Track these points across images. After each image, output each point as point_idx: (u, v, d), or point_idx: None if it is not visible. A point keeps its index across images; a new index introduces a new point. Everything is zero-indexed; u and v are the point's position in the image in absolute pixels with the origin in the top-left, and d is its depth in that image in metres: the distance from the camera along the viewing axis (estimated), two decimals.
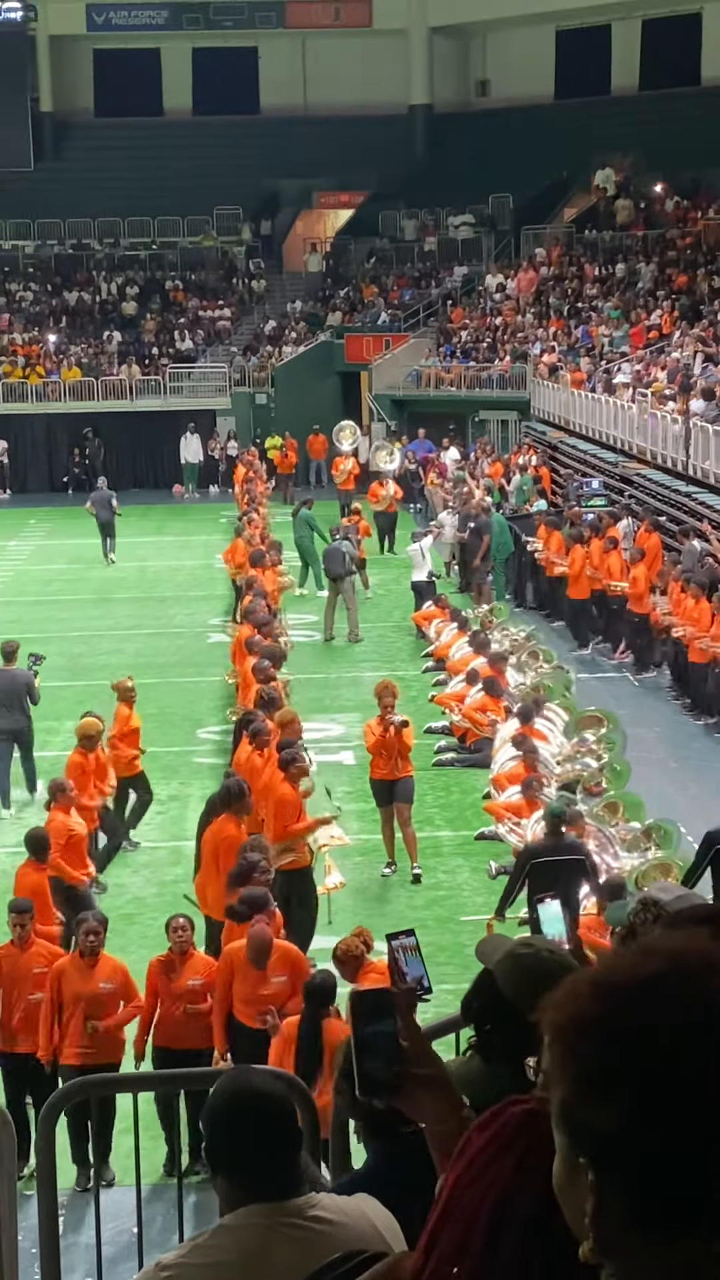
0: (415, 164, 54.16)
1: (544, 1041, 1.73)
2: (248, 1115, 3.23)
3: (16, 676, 17.66)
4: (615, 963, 1.73)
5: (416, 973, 4.30)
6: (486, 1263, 2.08)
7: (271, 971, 10.08)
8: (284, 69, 56.27)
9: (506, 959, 3.52)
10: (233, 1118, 3.24)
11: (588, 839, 13.47)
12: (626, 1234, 1.66)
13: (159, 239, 53.97)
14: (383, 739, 15.57)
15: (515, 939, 3.71)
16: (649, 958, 1.69)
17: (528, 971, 3.42)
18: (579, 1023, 1.68)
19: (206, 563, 32.69)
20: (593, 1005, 1.69)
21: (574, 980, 1.74)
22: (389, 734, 15.53)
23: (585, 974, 1.74)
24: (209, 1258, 3.09)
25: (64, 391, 46.75)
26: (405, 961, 4.33)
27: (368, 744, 15.90)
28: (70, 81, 56.62)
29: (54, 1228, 5.47)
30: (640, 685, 22.69)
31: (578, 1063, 1.68)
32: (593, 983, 1.71)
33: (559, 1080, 1.70)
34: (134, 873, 15.91)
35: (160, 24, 55.68)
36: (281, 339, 49.57)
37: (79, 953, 10.41)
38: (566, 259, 46.90)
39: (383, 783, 15.69)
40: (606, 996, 1.69)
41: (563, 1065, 1.69)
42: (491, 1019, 3.46)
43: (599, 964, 1.77)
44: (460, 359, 44.41)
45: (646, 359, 36.67)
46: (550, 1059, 1.71)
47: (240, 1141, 3.20)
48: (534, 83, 53.49)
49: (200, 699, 22.10)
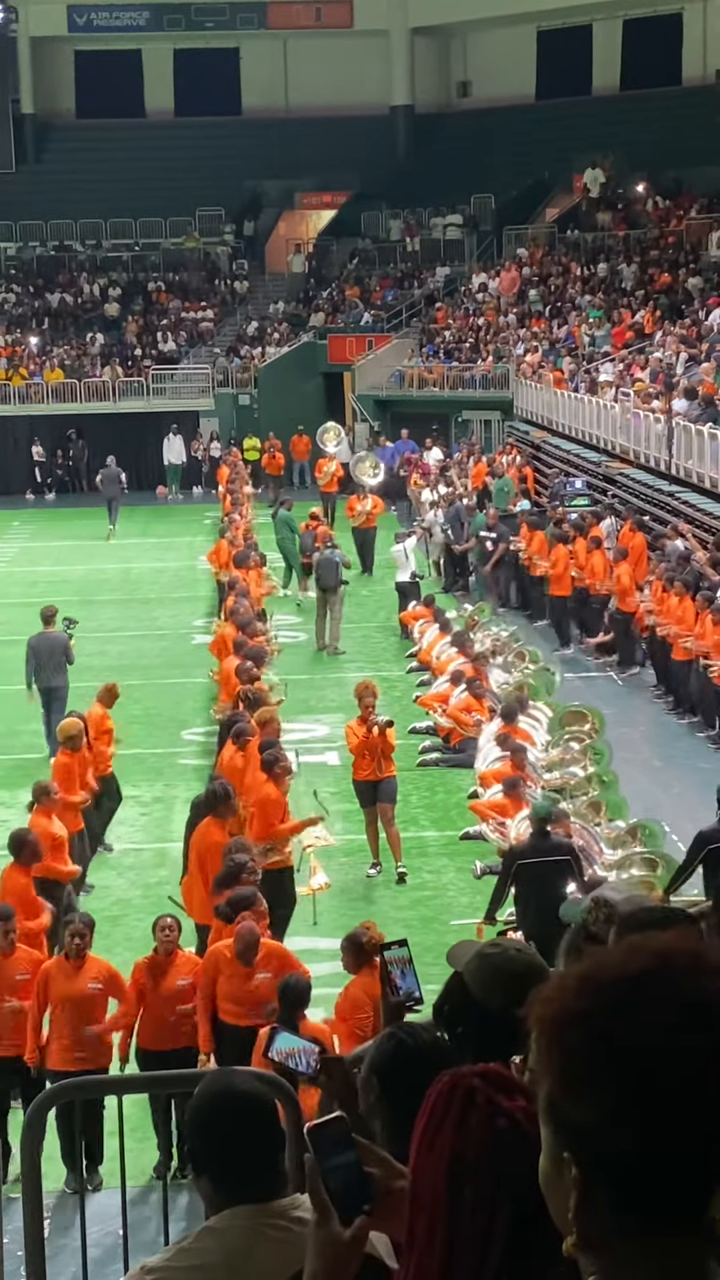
0: (397, 165, 54.20)
1: (530, 1036, 1.73)
2: (229, 1117, 3.22)
3: (54, 639, 19.17)
4: (604, 959, 1.74)
5: (409, 986, 4.37)
6: (453, 1223, 2.11)
7: (258, 969, 10.07)
8: (265, 70, 56.28)
9: (474, 959, 3.56)
10: (214, 1119, 3.24)
11: (573, 838, 13.47)
12: (608, 1231, 1.67)
13: (141, 240, 53.94)
14: (366, 740, 15.53)
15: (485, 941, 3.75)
16: (637, 955, 1.70)
17: (495, 970, 3.45)
18: (564, 1017, 1.69)
19: (190, 564, 32.65)
20: (578, 1000, 1.69)
21: (562, 975, 1.76)
22: (372, 734, 15.50)
23: (574, 969, 1.76)
24: (193, 1260, 3.09)
25: (47, 393, 46.69)
26: (399, 975, 4.39)
27: (350, 745, 15.87)
28: (52, 83, 56.56)
29: (39, 1231, 5.45)
30: (624, 684, 22.71)
31: (561, 1057, 1.69)
32: (579, 978, 1.72)
33: (544, 1074, 1.71)
34: (119, 875, 15.89)
35: (141, 25, 55.65)
36: (264, 340, 49.57)
37: (65, 954, 10.38)
38: (549, 259, 46.95)
39: (366, 784, 15.64)
40: (592, 992, 1.69)
41: (547, 1059, 1.70)
42: (463, 1021, 3.49)
43: (588, 960, 1.77)
44: (443, 359, 44.44)
45: (629, 359, 36.71)
46: (535, 1053, 1.72)
47: (222, 1143, 3.20)
48: (515, 83, 53.54)
49: (185, 700, 22.07)
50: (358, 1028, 9.32)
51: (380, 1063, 3.72)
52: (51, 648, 19.10)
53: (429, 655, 22.35)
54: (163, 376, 47.74)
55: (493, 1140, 2.11)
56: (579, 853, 12.85)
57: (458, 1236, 2.10)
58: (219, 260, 53.79)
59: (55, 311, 51.16)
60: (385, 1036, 3.83)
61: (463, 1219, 2.11)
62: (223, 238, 54.23)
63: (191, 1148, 3.35)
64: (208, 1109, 3.27)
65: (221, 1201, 3.16)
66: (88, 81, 56.56)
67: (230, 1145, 3.19)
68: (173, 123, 56.26)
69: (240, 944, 10.06)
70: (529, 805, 13.89)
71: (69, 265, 53.18)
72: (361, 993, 9.54)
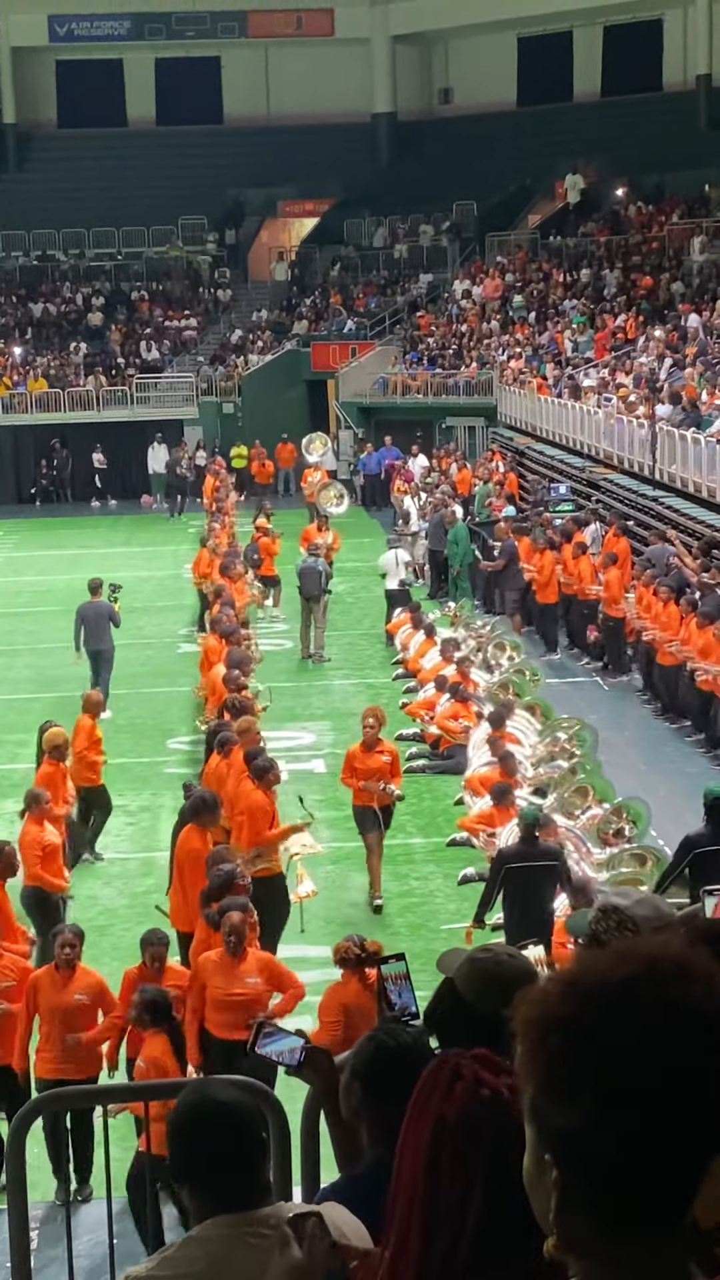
0: (379, 172, 54.29)
1: (515, 1039, 1.74)
2: (208, 1127, 3.22)
3: (100, 606, 21.61)
4: (591, 964, 1.74)
5: (405, 1001, 4.39)
6: (431, 1193, 2.17)
7: (246, 973, 10.04)
8: (247, 78, 56.33)
9: (465, 964, 3.57)
10: (193, 1130, 3.24)
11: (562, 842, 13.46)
12: (590, 1232, 1.67)
13: (124, 249, 53.94)
14: (367, 766, 14.89)
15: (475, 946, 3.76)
16: (623, 961, 1.71)
17: (487, 975, 3.46)
18: (547, 1021, 1.70)
19: (175, 573, 32.60)
20: (562, 1004, 1.70)
21: (549, 979, 1.76)
22: (375, 760, 14.92)
23: (560, 974, 1.77)
24: (177, 1269, 3.08)
25: (31, 403, 46.64)
26: (395, 993, 4.41)
27: (349, 768, 15.09)
28: (33, 93, 56.56)
29: (25, 1241, 5.42)
30: (610, 689, 22.71)
31: (544, 1060, 1.69)
32: (565, 982, 1.73)
33: (527, 1077, 1.72)
34: (106, 884, 15.84)
35: (122, 34, 55.65)
36: (248, 348, 49.57)
37: (54, 965, 10.34)
38: (532, 265, 47.02)
39: (367, 809, 14.99)
40: (577, 996, 1.70)
41: (530, 1062, 1.71)
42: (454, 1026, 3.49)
43: (576, 965, 1.79)
44: (427, 366, 44.47)
45: (612, 364, 36.76)
46: (520, 1056, 1.73)
47: (202, 1154, 3.19)
48: (496, 90, 53.67)
49: (170, 709, 22.04)
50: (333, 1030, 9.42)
51: (361, 1065, 3.72)
52: (98, 614, 21.52)
53: (416, 663, 22.34)
54: (146, 385, 47.74)
55: (474, 1108, 2.22)
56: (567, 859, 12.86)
57: (436, 1206, 2.16)
58: (202, 269, 53.82)
59: (39, 321, 51.14)
60: (365, 1040, 3.83)
61: (440, 1185, 2.17)
62: (205, 246, 54.25)
63: (172, 1159, 3.34)
64: (186, 1120, 3.27)
65: (203, 1211, 3.15)
66: (69, 91, 56.59)
67: (210, 1155, 3.18)
68: (155, 132, 56.28)
69: (227, 931, 10.02)
70: (518, 811, 13.87)
71: (52, 275, 53.15)
72: (334, 1000, 9.62)
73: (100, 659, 21.58)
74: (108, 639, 21.58)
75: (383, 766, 14.94)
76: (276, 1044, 4.21)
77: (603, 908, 4.83)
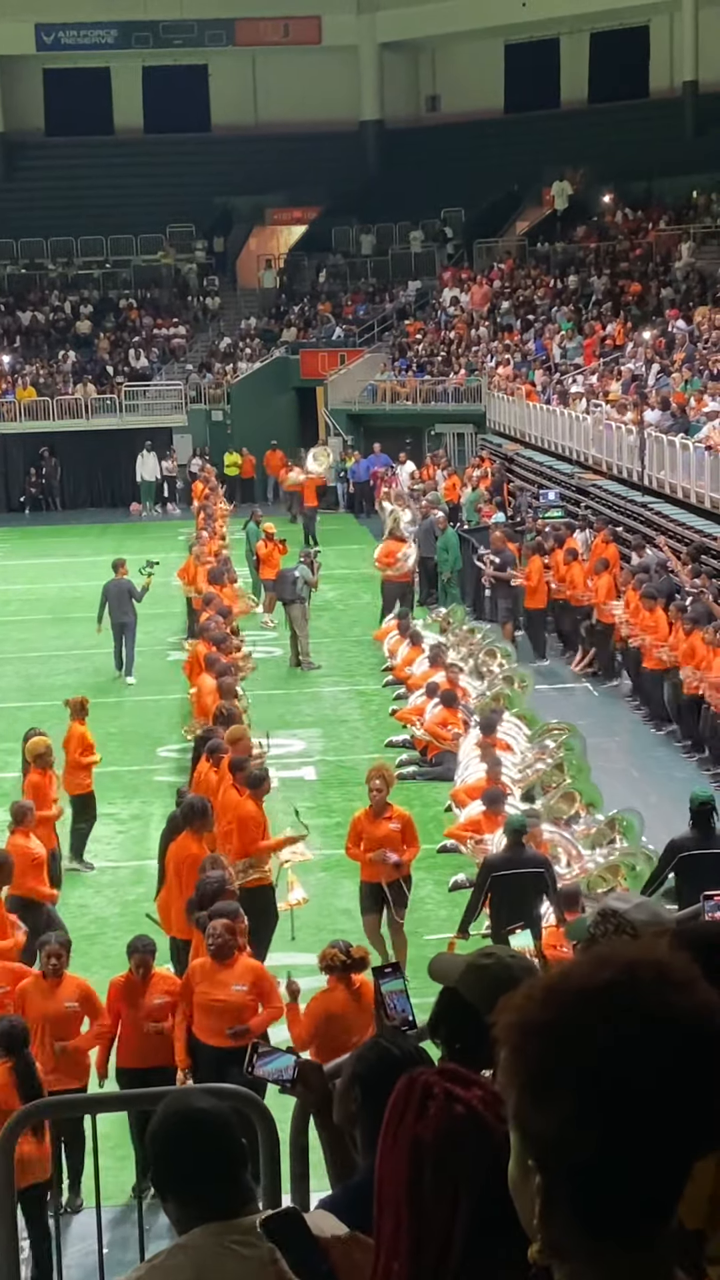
0: (367, 179, 54.31)
1: (497, 1045, 1.75)
2: (188, 1137, 3.23)
3: (122, 583, 24.18)
4: (571, 969, 1.75)
5: (403, 1011, 4.43)
6: (416, 1211, 2.18)
7: (232, 980, 10.03)
8: (234, 86, 56.35)
9: (470, 970, 3.52)
10: (174, 1140, 3.25)
11: (549, 849, 13.46)
12: (573, 1237, 1.68)
13: (112, 257, 53.92)
14: (374, 835, 13.35)
15: (474, 951, 3.73)
16: (604, 965, 1.72)
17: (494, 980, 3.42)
18: (527, 1026, 1.71)
19: (164, 580, 32.52)
20: (543, 1010, 1.71)
21: (530, 985, 1.77)
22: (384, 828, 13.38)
23: (541, 979, 1.77)
24: (164, 1278, 3.07)
25: (19, 411, 46.61)
26: (393, 1005, 4.45)
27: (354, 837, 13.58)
28: (20, 101, 56.54)
29: (14, 1251, 5.41)
30: (600, 695, 22.72)
31: (526, 1066, 1.70)
32: (546, 988, 1.74)
33: (510, 1083, 1.73)
34: (96, 893, 15.82)
35: (110, 43, 55.64)
36: (236, 356, 49.58)
37: (42, 974, 10.33)
38: (520, 271, 47.08)
39: (375, 886, 13.45)
40: (557, 1002, 1.71)
41: (512, 1068, 1.72)
42: (460, 1038, 3.46)
43: (557, 970, 1.79)
44: (415, 373, 44.49)
45: (600, 370, 36.80)
46: (502, 1062, 1.74)
47: (183, 1163, 3.20)
48: (484, 97, 53.74)
49: (160, 717, 22.02)
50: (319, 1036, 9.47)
51: (362, 1071, 3.71)
52: (120, 590, 24.11)
53: (403, 670, 22.33)
54: (135, 393, 47.72)
55: (450, 1124, 2.22)
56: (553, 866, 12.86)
57: (422, 1225, 2.16)
58: (190, 277, 53.79)
59: (27, 330, 51.10)
60: (369, 1045, 3.82)
61: (425, 1204, 2.17)
62: (194, 254, 54.25)
63: (154, 1169, 3.35)
64: (166, 1130, 3.28)
65: (189, 1220, 3.15)
66: (57, 99, 56.55)
67: (191, 1164, 3.18)
68: (142, 140, 56.27)
69: (210, 938, 10.03)
70: (506, 818, 13.85)
71: (40, 283, 53.11)
72: (320, 1006, 9.63)
73: (124, 630, 24.21)
74: (131, 612, 24.05)
75: (392, 835, 13.30)
76: (272, 1064, 4.29)
77: (601, 912, 4.84)
